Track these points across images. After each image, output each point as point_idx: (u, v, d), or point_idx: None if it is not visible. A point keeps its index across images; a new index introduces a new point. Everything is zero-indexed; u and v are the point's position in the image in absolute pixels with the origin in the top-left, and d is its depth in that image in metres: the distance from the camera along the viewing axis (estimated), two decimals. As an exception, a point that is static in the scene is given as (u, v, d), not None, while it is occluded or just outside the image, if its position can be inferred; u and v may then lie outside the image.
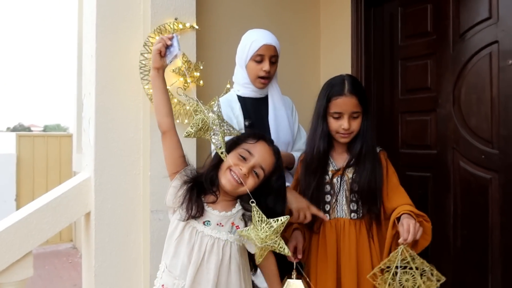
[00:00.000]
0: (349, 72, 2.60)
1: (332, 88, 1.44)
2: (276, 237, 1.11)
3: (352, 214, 1.45)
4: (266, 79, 1.67)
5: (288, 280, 1.28)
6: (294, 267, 1.31)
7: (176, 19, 2.02)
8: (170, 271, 1.17)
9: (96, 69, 1.93)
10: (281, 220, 1.10)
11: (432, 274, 1.23)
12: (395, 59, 2.50)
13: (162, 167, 1.34)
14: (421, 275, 1.22)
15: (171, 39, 1.31)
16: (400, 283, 1.22)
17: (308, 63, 2.78)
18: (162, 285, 1.17)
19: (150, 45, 1.95)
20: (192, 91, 2.06)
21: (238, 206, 1.24)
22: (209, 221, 1.18)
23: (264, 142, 1.23)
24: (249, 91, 1.73)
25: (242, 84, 1.73)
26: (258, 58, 1.65)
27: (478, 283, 2.03)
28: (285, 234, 1.42)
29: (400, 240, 1.22)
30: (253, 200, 1.13)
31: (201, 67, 2.08)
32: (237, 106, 1.70)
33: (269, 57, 1.65)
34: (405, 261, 1.22)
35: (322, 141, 1.45)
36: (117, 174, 1.95)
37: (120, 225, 1.95)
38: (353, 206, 1.45)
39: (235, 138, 1.25)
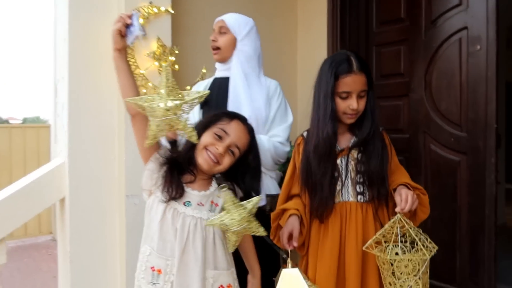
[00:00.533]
0: (325, 58, 2.63)
1: (339, 66, 1.31)
2: (250, 218, 1.11)
3: (359, 197, 1.35)
4: (214, 49, 1.74)
5: (284, 270, 1.18)
6: (289, 255, 1.25)
7: (150, 2, 2.00)
8: (160, 254, 1.16)
9: (69, 52, 1.90)
10: (253, 201, 1.11)
11: (425, 245, 1.20)
12: (370, 45, 2.55)
13: (137, 152, 1.32)
14: (415, 243, 1.21)
15: (130, 17, 1.24)
16: (398, 253, 1.21)
17: (285, 48, 2.80)
18: (152, 267, 1.16)
19: (124, 29, 1.93)
20: (167, 76, 2.06)
21: (214, 184, 1.25)
22: (189, 202, 1.19)
23: (238, 121, 1.23)
24: (218, 71, 1.79)
25: (216, 65, 1.80)
26: (212, 32, 1.78)
27: (447, 261, 2.10)
28: (280, 221, 1.38)
29: (397, 209, 1.19)
30: (223, 185, 1.15)
31: (177, 52, 2.07)
32: (206, 88, 1.76)
33: (218, 29, 1.75)
34: (401, 232, 1.21)
35: (330, 122, 1.33)
36: (92, 159, 1.94)
37: (95, 210, 1.94)
38: (360, 188, 1.35)
39: (209, 117, 1.25)
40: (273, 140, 1.67)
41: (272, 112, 1.78)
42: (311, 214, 1.39)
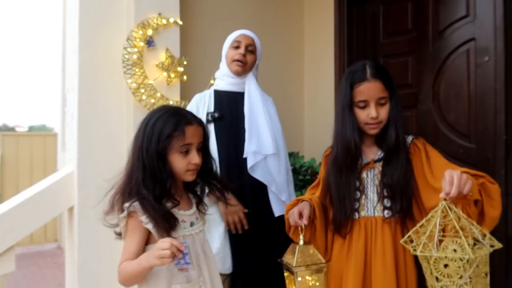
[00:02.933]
0: (332, 70, 2.65)
1: (354, 75, 1.29)
2: None
3: (386, 212, 1.27)
4: (241, 62, 1.70)
5: (295, 245, 1.19)
6: (301, 232, 1.23)
7: (159, 14, 2.03)
8: (191, 282, 1.12)
9: (79, 63, 1.93)
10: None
11: (483, 239, 0.97)
12: (377, 56, 2.55)
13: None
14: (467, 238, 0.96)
15: (182, 251, 1.02)
16: (442, 247, 0.97)
17: (292, 60, 2.82)
18: None
19: (134, 40, 1.96)
20: (175, 86, 2.08)
21: (190, 195, 1.23)
22: (192, 222, 1.19)
23: (188, 126, 1.11)
24: (226, 84, 1.76)
25: (220, 76, 1.78)
26: (235, 44, 1.73)
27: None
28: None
29: (442, 195, 0.99)
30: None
31: (185, 63, 2.10)
32: (211, 100, 1.74)
33: (246, 45, 1.72)
34: (447, 220, 0.99)
35: (353, 134, 1.28)
36: (101, 168, 1.95)
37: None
38: (387, 203, 1.28)
39: (159, 146, 1.09)
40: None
41: (279, 125, 1.82)
42: (333, 228, 1.34)
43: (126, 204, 1.08)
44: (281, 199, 1.69)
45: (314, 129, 2.79)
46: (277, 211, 1.68)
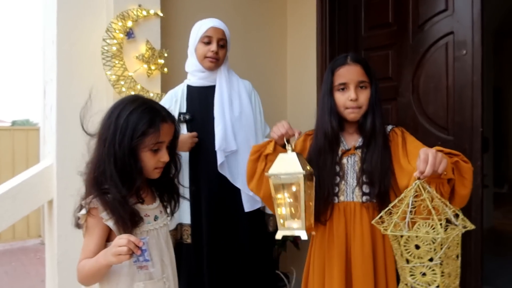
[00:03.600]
0: (314, 63, 2.66)
1: (335, 62, 1.32)
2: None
3: (365, 197, 1.28)
4: (214, 59, 1.68)
5: (281, 154, 1.14)
6: (287, 142, 1.20)
7: (139, 5, 2.01)
8: (155, 279, 1.10)
9: (57, 54, 1.90)
10: None
11: (456, 219, 0.96)
12: (359, 50, 2.57)
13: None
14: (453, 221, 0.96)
15: (140, 248, 0.98)
16: (415, 229, 0.94)
17: (275, 53, 2.82)
18: None
19: (113, 31, 1.93)
20: (156, 78, 2.06)
21: (153, 189, 1.19)
22: (156, 216, 1.15)
23: (163, 123, 1.08)
24: (197, 79, 1.74)
25: (191, 71, 1.76)
26: (205, 39, 1.68)
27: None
28: (264, 150, 1.32)
29: (416, 174, 0.97)
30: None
31: (166, 55, 2.08)
32: (184, 98, 1.72)
33: (217, 40, 1.68)
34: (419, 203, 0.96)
35: (331, 118, 1.29)
36: (80, 161, 1.92)
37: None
38: (366, 188, 1.29)
39: (131, 141, 1.04)
40: None
41: (257, 110, 1.81)
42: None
43: (86, 200, 1.04)
44: (249, 194, 1.66)
45: (296, 122, 2.78)
46: (246, 206, 1.66)
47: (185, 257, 1.65)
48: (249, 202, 1.66)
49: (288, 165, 1.09)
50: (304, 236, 1.08)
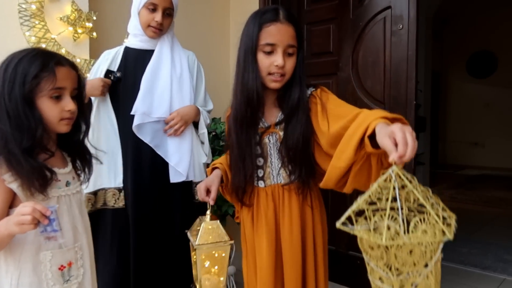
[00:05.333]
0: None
1: (264, 15, 1.12)
2: None
3: (291, 177, 1.16)
4: (157, 29, 1.58)
5: (202, 220, 1.14)
6: (208, 207, 1.19)
7: (64, -38, 1.84)
8: (66, 248, 1.02)
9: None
10: None
11: (441, 216, 0.71)
12: (302, 23, 2.54)
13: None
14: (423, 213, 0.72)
15: (48, 217, 0.89)
16: (411, 229, 0.71)
17: (217, 24, 2.73)
18: (60, 268, 1.00)
19: (32, -12, 1.75)
20: (84, 43, 1.91)
21: (65, 153, 1.09)
22: (68, 182, 1.05)
23: (59, 66, 0.98)
24: (138, 41, 1.62)
25: (133, 33, 1.63)
26: (151, 6, 1.55)
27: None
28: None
29: (394, 158, 0.74)
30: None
31: (94, 18, 1.93)
32: (118, 58, 1.61)
33: (163, 8, 1.56)
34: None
35: (256, 82, 1.11)
36: None
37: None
38: (291, 168, 1.16)
39: (27, 85, 0.94)
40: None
41: (195, 82, 1.72)
42: (235, 197, 1.24)
43: None
44: (171, 164, 1.59)
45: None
46: (171, 178, 1.58)
47: (114, 223, 1.57)
48: (174, 173, 1.58)
49: (209, 233, 1.13)
50: None
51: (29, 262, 0.96)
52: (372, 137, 0.87)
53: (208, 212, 1.19)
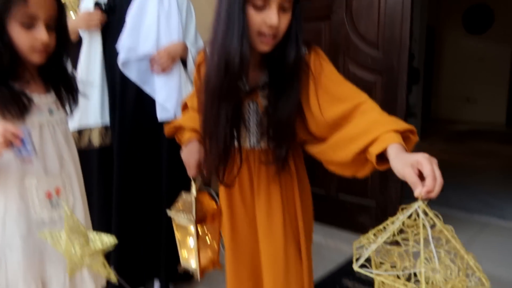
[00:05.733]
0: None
1: None
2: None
3: (270, 144, 1.01)
4: None
5: (183, 193, 1.03)
6: (195, 183, 1.02)
7: None
8: (52, 174, 1.00)
9: None
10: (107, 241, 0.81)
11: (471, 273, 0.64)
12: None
13: None
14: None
15: (20, 138, 0.86)
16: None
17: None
18: (47, 195, 1.00)
19: None
20: None
21: (48, 84, 1.05)
22: (51, 110, 1.02)
23: None
24: None
25: None
26: None
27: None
28: (180, 140, 1.13)
29: (421, 193, 0.67)
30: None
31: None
32: None
33: None
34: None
35: (242, 44, 0.87)
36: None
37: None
38: (272, 134, 1.00)
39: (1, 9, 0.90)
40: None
41: (185, 23, 1.66)
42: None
43: None
44: (159, 101, 1.56)
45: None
46: (160, 115, 1.55)
47: (100, 163, 1.57)
48: (161, 110, 1.55)
49: (186, 208, 1.00)
50: (197, 277, 1.05)
51: (14, 187, 0.96)
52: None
53: (193, 189, 1.02)
